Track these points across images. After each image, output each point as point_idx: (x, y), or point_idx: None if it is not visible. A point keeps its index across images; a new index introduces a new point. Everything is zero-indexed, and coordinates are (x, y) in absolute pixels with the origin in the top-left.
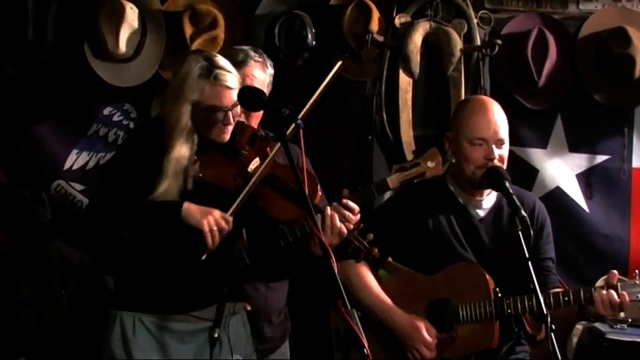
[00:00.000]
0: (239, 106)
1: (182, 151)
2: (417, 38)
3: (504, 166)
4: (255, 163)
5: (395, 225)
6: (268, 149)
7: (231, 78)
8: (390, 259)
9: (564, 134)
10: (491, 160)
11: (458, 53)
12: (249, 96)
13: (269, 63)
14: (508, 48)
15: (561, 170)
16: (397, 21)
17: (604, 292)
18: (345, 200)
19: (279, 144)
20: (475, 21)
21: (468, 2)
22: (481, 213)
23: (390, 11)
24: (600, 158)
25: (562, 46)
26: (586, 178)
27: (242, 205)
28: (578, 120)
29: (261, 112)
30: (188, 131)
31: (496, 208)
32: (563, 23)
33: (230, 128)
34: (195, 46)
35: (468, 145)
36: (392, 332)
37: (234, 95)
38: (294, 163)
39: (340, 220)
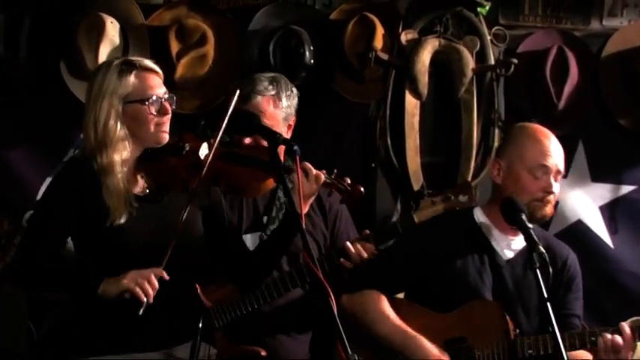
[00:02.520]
0: (172, 100)
1: (120, 153)
2: (425, 57)
3: (552, 204)
4: (204, 149)
5: (414, 259)
6: (212, 140)
7: (153, 64)
8: (400, 296)
9: (586, 162)
10: (550, 193)
11: (470, 73)
12: (241, 119)
13: (286, 93)
14: (525, 68)
15: (583, 202)
16: (403, 38)
17: (608, 336)
18: (359, 243)
19: (225, 118)
20: (489, 38)
21: (481, 17)
22: (509, 254)
23: (396, 27)
24: (626, 189)
25: (584, 66)
26: (610, 211)
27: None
28: (602, 147)
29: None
30: (121, 137)
31: (525, 251)
32: (585, 41)
33: (168, 121)
34: (182, 64)
35: (527, 175)
36: None
37: (162, 84)
38: (285, 183)
39: (355, 259)
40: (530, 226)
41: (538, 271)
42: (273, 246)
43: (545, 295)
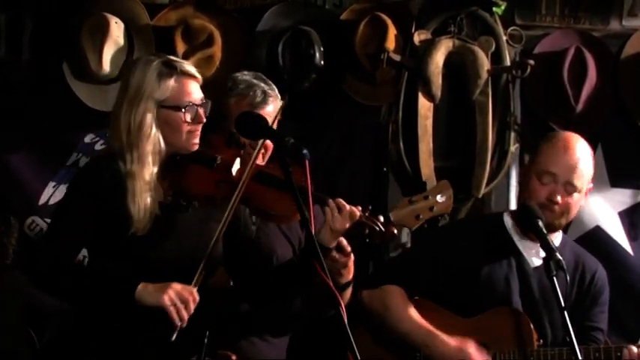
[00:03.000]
0: (207, 106)
1: (152, 160)
2: (439, 58)
3: (568, 219)
4: (236, 165)
5: (439, 260)
6: (242, 152)
7: (193, 69)
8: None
9: (605, 167)
10: (553, 202)
11: (485, 75)
12: (246, 123)
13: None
14: (541, 69)
15: (601, 208)
16: (416, 38)
17: (635, 349)
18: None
19: (260, 143)
20: (504, 38)
21: (497, 17)
22: (537, 261)
23: (409, 27)
24: None
25: (603, 67)
26: (630, 217)
27: (228, 225)
28: (621, 151)
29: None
30: (155, 138)
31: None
32: (604, 41)
33: (199, 130)
34: None
35: (534, 179)
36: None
37: (200, 90)
38: (294, 188)
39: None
40: (558, 234)
41: (555, 278)
42: (290, 278)
43: (562, 303)
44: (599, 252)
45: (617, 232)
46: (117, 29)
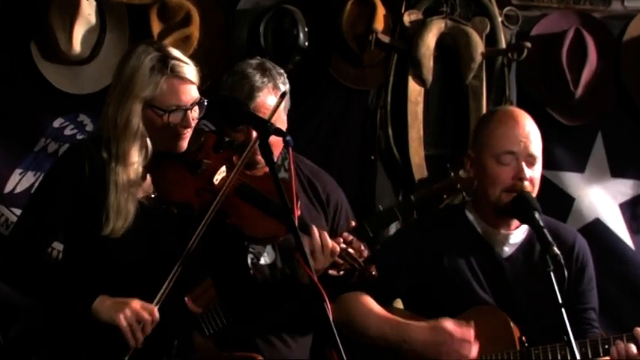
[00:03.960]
0: (197, 107)
1: (135, 158)
2: (431, 39)
3: (535, 192)
4: (221, 173)
5: (404, 263)
6: (235, 158)
7: (190, 70)
8: (398, 304)
9: (605, 156)
10: (522, 179)
11: (479, 58)
12: (227, 107)
13: (281, 80)
14: (539, 52)
15: (602, 199)
16: (406, 19)
17: (622, 344)
18: (345, 234)
19: (247, 150)
20: (500, 19)
21: None
22: (508, 250)
23: (398, 7)
24: None
25: (603, 51)
26: (631, 209)
27: (202, 234)
28: (623, 139)
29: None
30: (141, 135)
31: (526, 245)
32: (605, 23)
33: (188, 133)
34: None
35: (494, 163)
36: (415, 353)
37: (193, 91)
38: (276, 173)
39: (344, 255)
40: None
41: (552, 274)
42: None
43: (560, 301)
44: (599, 245)
45: (618, 225)
46: (88, 7)
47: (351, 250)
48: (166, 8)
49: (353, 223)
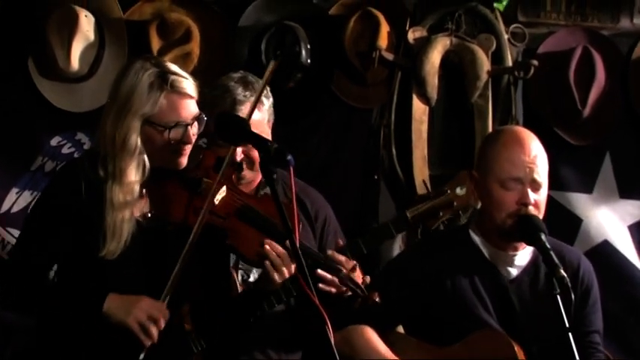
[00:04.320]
0: (197, 123)
1: (133, 177)
2: (435, 57)
3: (541, 215)
4: (222, 193)
5: (407, 287)
6: (234, 177)
7: (189, 85)
8: (400, 330)
9: (614, 176)
10: (526, 205)
11: (484, 76)
12: (227, 126)
13: (263, 93)
14: (546, 70)
15: (610, 220)
16: (411, 36)
17: None
18: (330, 252)
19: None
20: (506, 37)
21: (498, 14)
22: (513, 272)
23: (403, 24)
24: None
25: (612, 69)
26: None
27: (189, 258)
28: (631, 159)
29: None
30: (139, 153)
31: (532, 266)
32: (613, 40)
33: (188, 149)
34: None
35: (498, 188)
36: None
37: (193, 106)
38: (277, 195)
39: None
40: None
41: (558, 297)
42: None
43: (567, 325)
44: (607, 268)
45: (627, 247)
46: (87, 23)
47: (354, 277)
48: (166, 24)
49: (341, 243)
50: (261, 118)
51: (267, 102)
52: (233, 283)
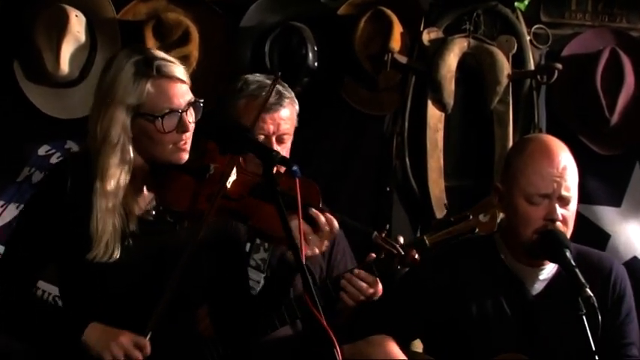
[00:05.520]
0: (193, 110)
1: (117, 174)
2: (452, 60)
3: (569, 232)
4: (232, 176)
5: (424, 301)
6: (243, 161)
7: (178, 69)
8: (418, 347)
9: None
10: (553, 221)
11: (505, 80)
12: (229, 134)
13: (296, 103)
14: (571, 74)
15: None
16: (425, 37)
17: None
18: (357, 271)
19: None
20: (528, 38)
21: (519, 14)
22: (538, 286)
23: (417, 24)
24: None
25: None
26: None
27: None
28: None
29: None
30: (122, 148)
31: (557, 279)
32: None
33: (188, 141)
34: None
35: (524, 203)
36: None
37: (186, 91)
38: (282, 208)
39: (354, 293)
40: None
41: (585, 318)
42: (271, 295)
43: (594, 348)
44: (637, 284)
45: None
46: (77, 24)
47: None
48: (163, 25)
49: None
50: (295, 119)
51: (296, 102)
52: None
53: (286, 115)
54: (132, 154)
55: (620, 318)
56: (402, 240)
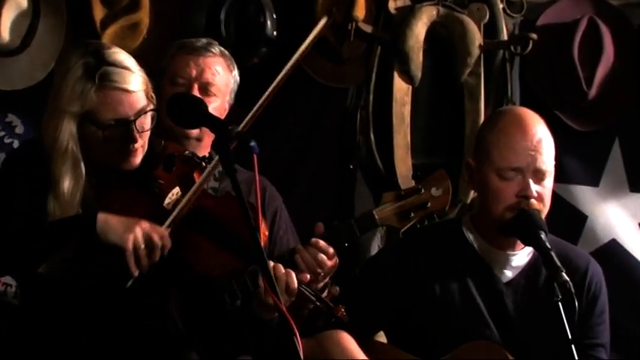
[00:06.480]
0: (148, 115)
1: (66, 184)
2: (420, 29)
3: (545, 210)
4: (174, 195)
5: (389, 289)
6: (196, 175)
7: (130, 77)
8: (381, 339)
9: (624, 167)
10: (527, 197)
11: (476, 51)
12: (182, 106)
13: (235, 68)
14: (546, 45)
15: (619, 217)
16: (392, 5)
17: None
18: (314, 240)
19: (210, 166)
20: (501, 6)
21: None
22: (509, 273)
23: None
24: None
25: (622, 43)
26: None
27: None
28: None
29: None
30: (72, 156)
31: (531, 268)
32: (623, 11)
33: (138, 148)
34: (108, 35)
35: (496, 178)
36: None
37: (136, 100)
38: (242, 194)
39: (311, 266)
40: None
41: (560, 305)
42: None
43: (570, 337)
44: (615, 270)
45: (638, 247)
46: None
47: (314, 287)
48: None
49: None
50: (228, 81)
51: (236, 72)
52: None
53: (214, 66)
54: (82, 162)
55: (593, 318)
56: (336, 291)
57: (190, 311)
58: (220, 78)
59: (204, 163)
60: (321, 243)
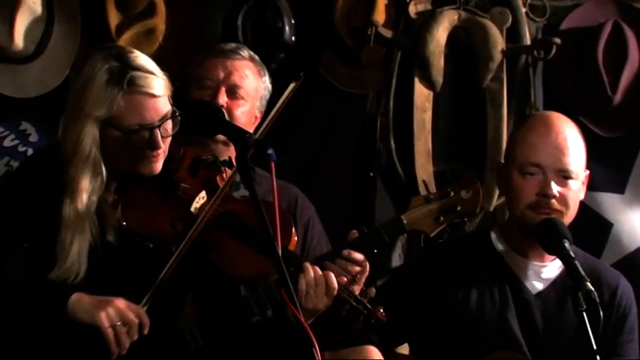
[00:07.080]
0: (170, 121)
1: (86, 189)
2: (441, 34)
3: (568, 214)
4: (201, 199)
5: (417, 299)
6: (219, 179)
7: (155, 82)
8: (405, 350)
9: None
10: (547, 196)
11: (498, 56)
12: (197, 114)
13: (266, 75)
14: (570, 49)
15: None
16: (412, 9)
17: None
18: (347, 252)
19: (234, 169)
20: (523, 10)
21: None
22: (539, 285)
23: None
24: None
25: None
26: None
27: (177, 265)
28: None
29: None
30: (93, 161)
31: (562, 281)
32: None
33: (161, 154)
34: (123, 41)
35: (517, 175)
36: None
37: (161, 105)
38: (257, 197)
39: (339, 275)
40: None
41: (585, 315)
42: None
43: (595, 347)
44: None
45: None
46: None
47: (352, 289)
48: None
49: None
50: (258, 87)
51: (268, 79)
52: None
53: (243, 70)
54: (103, 167)
55: (622, 336)
56: (372, 293)
57: (211, 325)
58: (249, 82)
59: (225, 168)
60: (353, 255)
